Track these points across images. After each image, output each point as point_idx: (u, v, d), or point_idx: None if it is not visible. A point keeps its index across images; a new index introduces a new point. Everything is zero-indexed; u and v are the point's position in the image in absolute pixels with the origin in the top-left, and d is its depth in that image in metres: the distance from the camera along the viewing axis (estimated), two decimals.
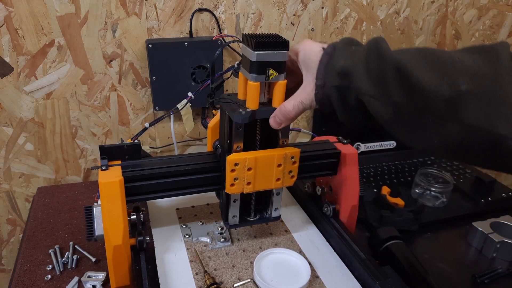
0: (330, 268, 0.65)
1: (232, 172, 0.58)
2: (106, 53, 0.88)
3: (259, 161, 0.58)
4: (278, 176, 0.61)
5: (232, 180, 0.58)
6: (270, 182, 0.61)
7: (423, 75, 0.40)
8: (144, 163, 0.62)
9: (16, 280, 0.65)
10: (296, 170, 0.62)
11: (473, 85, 0.37)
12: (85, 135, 0.94)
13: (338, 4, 1.00)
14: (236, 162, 0.57)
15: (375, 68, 0.44)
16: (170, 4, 0.88)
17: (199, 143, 1.05)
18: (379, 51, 0.44)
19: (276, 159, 0.59)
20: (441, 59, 0.40)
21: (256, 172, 0.59)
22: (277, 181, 0.61)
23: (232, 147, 0.58)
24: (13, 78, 0.84)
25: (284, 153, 0.59)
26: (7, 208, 0.96)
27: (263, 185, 0.61)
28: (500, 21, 1.18)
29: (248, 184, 0.60)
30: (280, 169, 0.60)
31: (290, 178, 0.62)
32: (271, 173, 0.60)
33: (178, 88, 0.92)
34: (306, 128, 1.11)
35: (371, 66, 0.45)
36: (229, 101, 0.57)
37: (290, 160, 0.60)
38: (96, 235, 0.58)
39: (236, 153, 0.58)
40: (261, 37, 0.51)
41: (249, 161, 0.58)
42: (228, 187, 0.59)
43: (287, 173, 0.61)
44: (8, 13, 0.78)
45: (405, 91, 0.41)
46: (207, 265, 0.64)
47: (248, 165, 0.58)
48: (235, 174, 0.58)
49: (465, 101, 0.38)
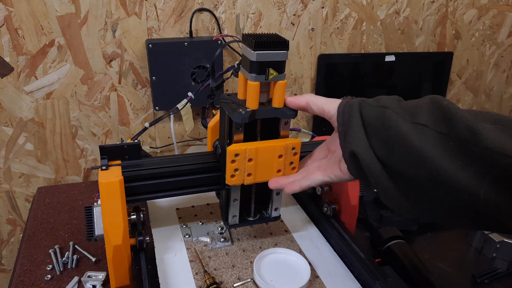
0: (330, 268, 0.65)
1: (232, 163, 0.57)
2: (106, 53, 0.88)
3: (260, 151, 0.57)
4: (279, 167, 0.60)
5: (232, 171, 0.58)
6: (271, 173, 0.60)
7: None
8: (144, 163, 0.62)
9: (16, 280, 0.65)
10: (297, 162, 0.61)
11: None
12: (85, 135, 0.94)
13: (338, 4, 1.00)
14: (237, 153, 0.56)
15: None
16: (170, 4, 0.88)
17: (199, 143, 1.05)
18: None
19: (277, 150, 0.58)
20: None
21: (256, 163, 0.58)
22: (278, 173, 0.60)
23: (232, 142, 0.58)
24: (13, 78, 0.84)
25: (285, 144, 0.58)
26: (7, 208, 0.96)
27: (263, 177, 0.60)
28: (500, 21, 1.18)
29: (248, 176, 0.59)
30: (281, 160, 0.59)
31: (291, 170, 0.61)
32: (272, 164, 0.59)
33: (178, 88, 0.92)
34: (306, 128, 1.11)
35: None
36: (229, 101, 0.57)
37: (291, 151, 0.59)
38: (96, 235, 0.58)
39: (237, 144, 0.57)
40: (261, 37, 0.51)
41: (250, 152, 0.57)
42: (228, 178, 0.58)
43: (288, 164, 0.60)
44: (8, 13, 0.78)
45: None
46: (207, 265, 0.64)
47: (248, 155, 0.57)
48: (235, 165, 0.57)
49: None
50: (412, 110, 0.43)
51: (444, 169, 0.38)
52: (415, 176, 0.41)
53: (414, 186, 0.42)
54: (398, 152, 0.42)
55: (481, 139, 0.37)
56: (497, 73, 1.26)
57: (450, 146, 0.39)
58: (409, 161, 0.41)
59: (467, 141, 0.37)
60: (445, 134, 0.39)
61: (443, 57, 1.15)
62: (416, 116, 0.42)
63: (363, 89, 1.08)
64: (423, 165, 0.40)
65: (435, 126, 0.40)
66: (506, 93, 1.31)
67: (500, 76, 1.27)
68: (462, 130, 0.38)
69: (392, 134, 0.43)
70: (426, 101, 0.43)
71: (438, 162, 0.39)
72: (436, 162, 0.39)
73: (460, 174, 0.38)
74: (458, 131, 0.38)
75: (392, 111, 0.44)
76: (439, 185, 0.39)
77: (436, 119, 0.41)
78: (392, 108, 0.44)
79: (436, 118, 0.41)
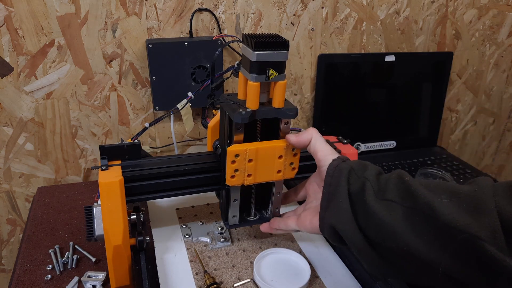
0: (330, 268, 0.65)
1: (232, 163, 0.57)
2: (106, 53, 0.88)
3: (260, 152, 0.58)
4: (279, 168, 0.60)
5: (232, 171, 0.58)
6: (271, 174, 0.60)
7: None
8: (144, 163, 0.62)
9: (16, 280, 0.65)
10: (297, 162, 0.61)
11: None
12: (85, 135, 0.94)
13: (338, 4, 1.00)
14: (237, 153, 0.57)
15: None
16: (170, 4, 0.88)
17: (199, 143, 1.05)
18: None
19: (277, 151, 0.59)
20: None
21: (257, 163, 0.58)
22: (278, 173, 0.60)
23: (233, 142, 0.58)
24: (13, 78, 0.84)
25: (285, 145, 0.59)
26: (7, 208, 0.96)
27: (264, 177, 0.60)
28: (500, 21, 1.18)
29: (248, 176, 0.59)
30: (281, 161, 0.60)
31: (291, 170, 0.61)
32: (272, 165, 0.59)
33: (178, 88, 0.92)
34: (306, 128, 1.11)
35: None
36: (229, 101, 0.57)
37: (291, 151, 0.60)
38: (96, 235, 0.58)
39: (237, 144, 0.57)
40: (261, 37, 0.51)
41: (250, 152, 0.57)
42: (228, 178, 0.59)
43: (288, 164, 0.60)
44: (8, 13, 0.78)
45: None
46: (207, 265, 0.64)
47: (249, 156, 0.57)
48: (235, 166, 0.58)
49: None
50: (384, 186, 0.45)
51: (412, 244, 0.41)
52: (391, 247, 0.43)
53: (393, 255, 0.44)
54: (374, 225, 0.44)
55: (438, 215, 0.39)
56: (497, 73, 1.26)
57: (416, 221, 0.41)
58: (383, 234, 0.43)
59: (429, 216, 0.40)
60: (411, 208, 0.42)
61: (443, 57, 1.15)
62: (386, 192, 0.44)
63: (363, 89, 1.08)
64: (395, 239, 0.42)
65: (402, 201, 0.43)
66: (506, 93, 1.31)
67: (500, 76, 1.27)
68: (423, 206, 0.40)
69: (368, 208, 0.45)
70: (394, 177, 0.46)
71: (407, 238, 0.41)
72: (404, 237, 0.41)
73: (425, 248, 0.40)
74: (421, 207, 0.41)
75: (370, 184, 0.46)
76: (410, 257, 0.41)
77: (402, 194, 0.43)
78: (371, 181, 0.47)
79: (402, 193, 0.43)
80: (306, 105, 1.08)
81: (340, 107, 1.06)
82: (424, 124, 1.18)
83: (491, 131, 1.37)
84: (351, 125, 1.09)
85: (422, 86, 1.14)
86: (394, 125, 1.14)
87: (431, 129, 1.19)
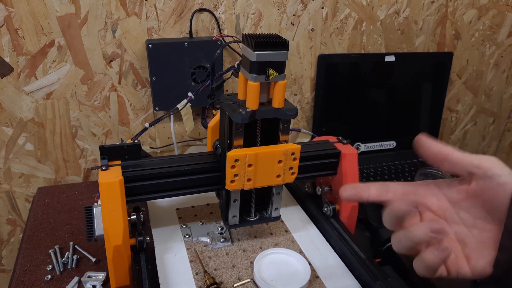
0: (330, 268, 0.65)
1: (232, 168, 0.57)
2: (106, 53, 0.88)
3: (260, 157, 0.58)
4: (278, 172, 0.60)
5: (232, 176, 0.58)
6: (270, 178, 0.60)
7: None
8: (144, 163, 0.62)
9: (16, 280, 0.65)
10: (296, 167, 0.61)
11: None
12: (85, 135, 0.94)
13: (338, 4, 1.00)
14: (237, 158, 0.57)
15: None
16: (170, 4, 0.88)
17: (199, 143, 1.05)
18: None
19: (277, 155, 0.59)
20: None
21: (256, 168, 0.58)
22: (277, 178, 0.61)
23: (232, 147, 0.58)
24: (13, 78, 0.84)
25: (285, 149, 0.59)
26: (7, 208, 0.96)
27: (263, 182, 0.60)
28: (500, 21, 1.18)
29: (248, 181, 0.59)
30: (280, 166, 0.60)
31: (291, 175, 0.62)
32: (271, 170, 0.60)
33: (178, 88, 0.92)
34: (306, 128, 1.11)
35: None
36: (229, 101, 0.57)
37: (290, 156, 0.60)
38: (96, 235, 0.58)
39: (237, 149, 0.57)
40: (261, 37, 0.51)
41: (250, 157, 0.57)
42: (228, 183, 0.59)
43: (288, 169, 0.61)
44: (8, 13, 0.78)
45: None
46: (207, 265, 0.64)
47: (248, 161, 0.57)
48: (235, 171, 0.58)
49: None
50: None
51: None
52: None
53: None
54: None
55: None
56: (497, 73, 1.26)
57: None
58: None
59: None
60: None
61: (443, 57, 1.15)
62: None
63: (363, 89, 1.08)
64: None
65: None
66: (506, 93, 1.31)
67: (500, 76, 1.27)
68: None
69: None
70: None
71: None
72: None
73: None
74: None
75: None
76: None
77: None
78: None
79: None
80: (306, 105, 1.08)
81: (340, 107, 1.07)
82: (424, 124, 1.18)
83: (491, 131, 1.37)
84: (351, 125, 1.09)
85: (422, 86, 1.14)
86: (394, 125, 1.14)
87: (431, 129, 1.20)
